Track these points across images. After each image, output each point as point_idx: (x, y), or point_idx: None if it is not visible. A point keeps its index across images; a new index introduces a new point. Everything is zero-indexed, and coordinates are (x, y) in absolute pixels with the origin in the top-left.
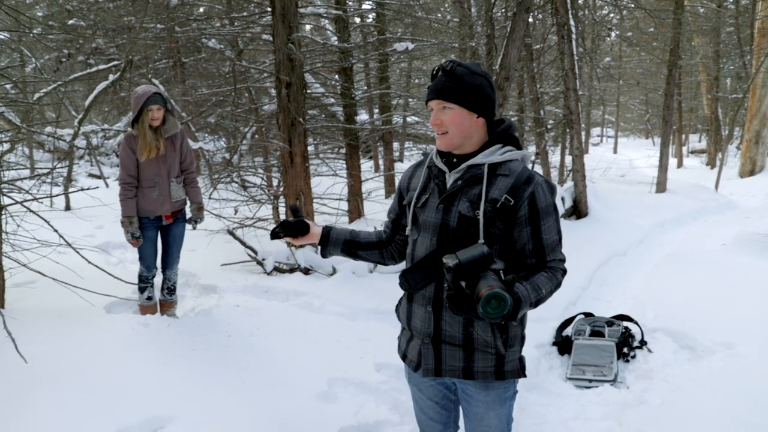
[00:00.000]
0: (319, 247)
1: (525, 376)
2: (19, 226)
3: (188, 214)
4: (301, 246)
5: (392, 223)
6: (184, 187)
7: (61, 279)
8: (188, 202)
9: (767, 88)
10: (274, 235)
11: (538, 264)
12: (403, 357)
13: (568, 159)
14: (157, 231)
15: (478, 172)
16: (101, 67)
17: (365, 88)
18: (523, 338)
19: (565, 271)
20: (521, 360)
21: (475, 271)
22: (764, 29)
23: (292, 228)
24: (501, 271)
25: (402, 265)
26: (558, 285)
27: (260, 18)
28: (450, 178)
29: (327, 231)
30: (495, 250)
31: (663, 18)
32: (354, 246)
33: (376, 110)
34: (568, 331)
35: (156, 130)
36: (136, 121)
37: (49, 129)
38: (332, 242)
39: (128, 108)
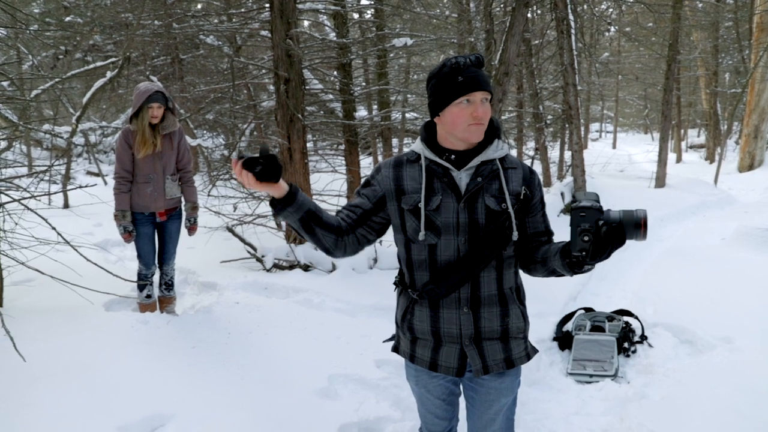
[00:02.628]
0: (277, 206)
1: (537, 350)
2: (17, 224)
3: (184, 213)
4: (257, 190)
5: (359, 215)
6: (180, 185)
7: (60, 277)
8: (183, 201)
9: (766, 82)
10: (249, 162)
11: (548, 240)
12: (433, 366)
13: (568, 154)
14: (153, 227)
15: (493, 167)
16: (99, 64)
17: (364, 84)
18: None
19: None
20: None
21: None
22: (763, 24)
23: (269, 167)
24: None
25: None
26: None
27: (258, 14)
28: (462, 176)
29: (294, 190)
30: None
31: (662, 13)
32: (314, 219)
33: (375, 106)
34: (569, 326)
35: (154, 127)
36: (135, 116)
37: (46, 126)
38: (297, 204)
39: (126, 105)
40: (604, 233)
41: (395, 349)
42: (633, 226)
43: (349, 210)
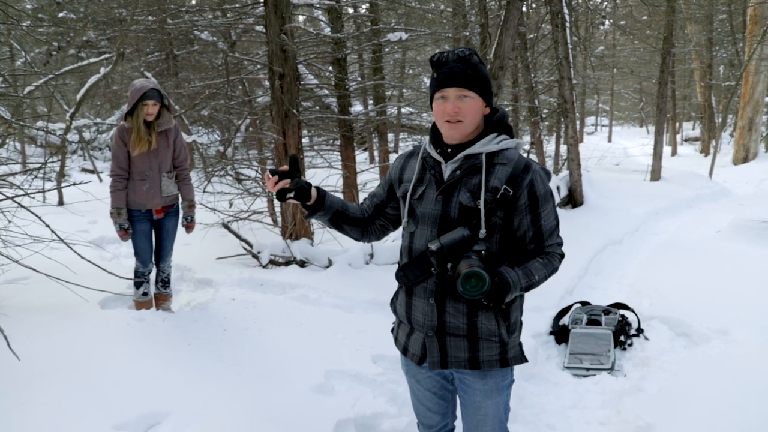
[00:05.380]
0: (308, 210)
1: (527, 360)
2: (10, 222)
3: (181, 211)
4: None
5: (375, 207)
6: (177, 182)
7: (55, 275)
8: (180, 199)
9: (760, 75)
10: (282, 194)
11: (537, 249)
12: (404, 351)
13: (563, 148)
14: (150, 225)
15: (476, 161)
16: (92, 60)
17: (359, 79)
18: (521, 324)
19: (562, 255)
20: (521, 345)
21: (457, 253)
22: (756, 16)
23: (302, 193)
24: (483, 252)
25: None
26: (554, 270)
27: (253, 9)
28: (447, 169)
29: (322, 194)
30: (496, 238)
31: (656, 6)
32: (342, 218)
33: (371, 101)
34: (565, 320)
35: (149, 125)
36: (130, 114)
37: (40, 123)
38: (326, 208)
39: (121, 101)
40: (436, 276)
41: (393, 329)
42: (454, 276)
43: (371, 200)
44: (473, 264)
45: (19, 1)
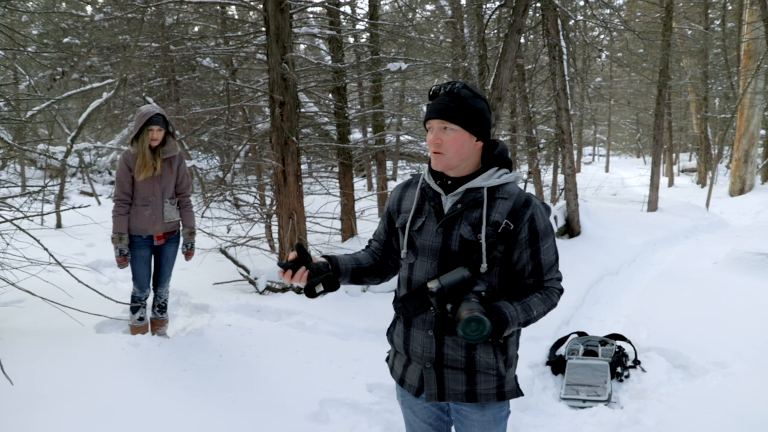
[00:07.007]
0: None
1: (522, 394)
2: (8, 244)
3: (181, 238)
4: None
5: (384, 245)
6: (179, 209)
7: (51, 298)
8: (181, 225)
9: (755, 108)
10: (311, 291)
11: (536, 284)
12: (401, 382)
13: (561, 178)
14: (150, 251)
15: (477, 195)
16: (95, 85)
17: (359, 107)
18: (517, 358)
19: (561, 291)
20: (516, 379)
21: (457, 294)
22: (750, 51)
23: (331, 281)
24: (483, 293)
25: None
26: (552, 305)
27: (254, 37)
28: (447, 201)
29: (335, 263)
30: (496, 271)
31: (652, 40)
32: (360, 273)
33: (370, 129)
34: (562, 350)
35: (155, 151)
36: (136, 139)
37: (41, 146)
38: (343, 274)
39: (121, 126)
40: (435, 317)
41: (387, 358)
42: (455, 320)
43: (377, 241)
44: (474, 309)
45: (25, 26)
